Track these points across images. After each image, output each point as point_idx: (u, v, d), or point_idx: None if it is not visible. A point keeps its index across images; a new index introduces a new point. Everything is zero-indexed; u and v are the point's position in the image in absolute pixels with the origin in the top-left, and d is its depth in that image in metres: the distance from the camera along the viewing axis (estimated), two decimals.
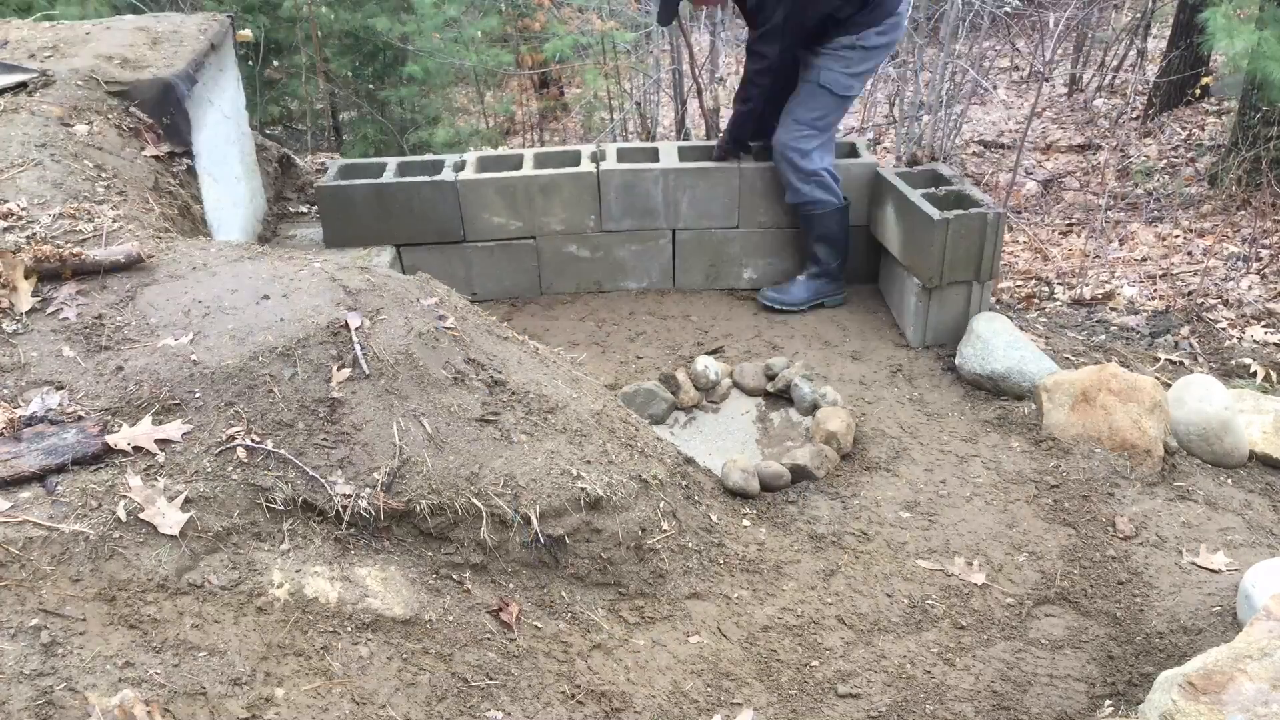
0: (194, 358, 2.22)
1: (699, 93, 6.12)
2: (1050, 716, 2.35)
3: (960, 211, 3.48)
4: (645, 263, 4.28)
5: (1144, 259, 5.41)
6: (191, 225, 3.38)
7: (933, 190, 3.73)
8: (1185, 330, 4.43)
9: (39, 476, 1.94)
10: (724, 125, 4.45)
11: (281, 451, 2.14)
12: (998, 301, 4.79)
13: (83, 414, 2.09)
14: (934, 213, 3.50)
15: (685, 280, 4.31)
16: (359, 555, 2.15)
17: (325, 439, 2.20)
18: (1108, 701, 2.36)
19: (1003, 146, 7.44)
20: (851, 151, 4.27)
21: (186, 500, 1.99)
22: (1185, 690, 1.84)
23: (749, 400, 3.55)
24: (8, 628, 1.69)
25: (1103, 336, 4.38)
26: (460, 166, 4.19)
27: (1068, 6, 7.74)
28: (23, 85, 3.28)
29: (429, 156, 4.48)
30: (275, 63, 6.39)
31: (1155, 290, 4.98)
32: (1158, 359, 4.09)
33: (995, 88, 8.27)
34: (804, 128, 3.85)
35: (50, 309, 2.34)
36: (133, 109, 3.38)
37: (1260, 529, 2.85)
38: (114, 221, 2.71)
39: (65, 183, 2.87)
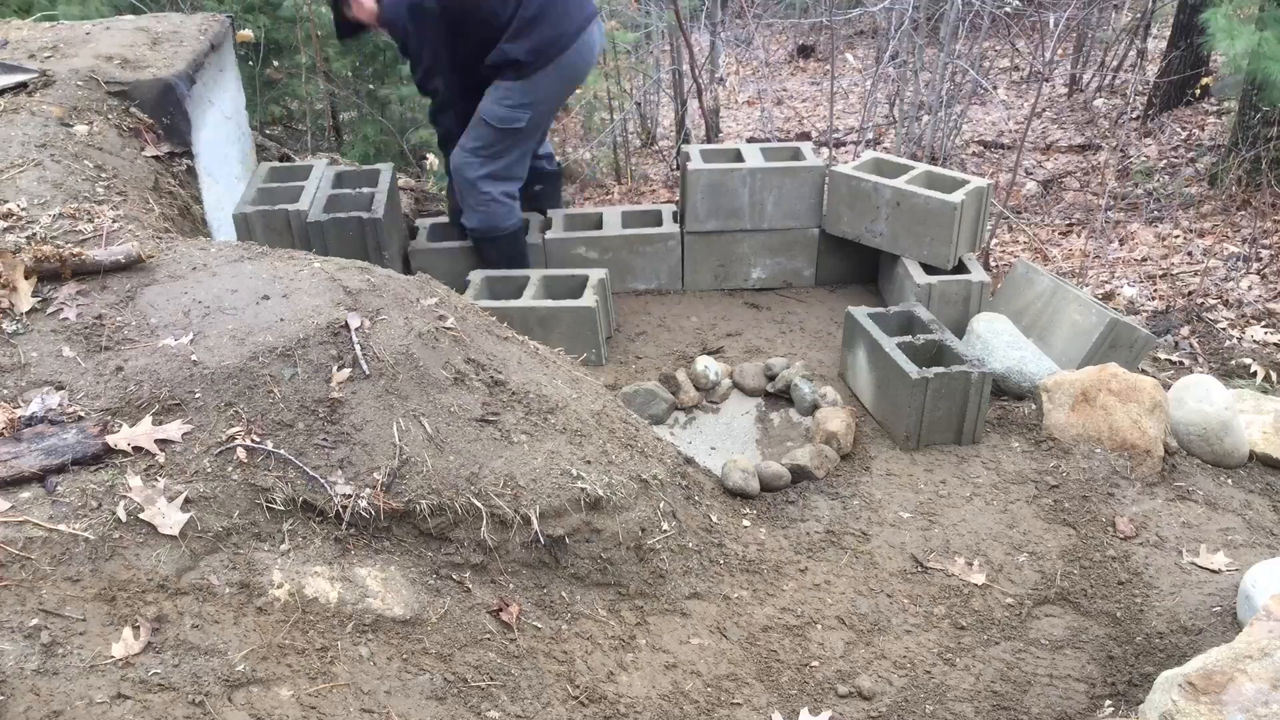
0: (194, 358, 2.22)
1: (699, 93, 6.12)
2: (1050, 716, 2.35)
3: (941, 370, 3.11)
4: (654, 264, 4.27)
5: (1144, 259, 5.41)
6: (191, 225, 3.39)
7: (910, 339, 3.32)
8: (1185, 330, 4.44)
9: (39, 476, 1.94)
10: (722, 126, 4.38)
11: (281, 452, 2.14)
12: None
13: (83, 414, 2.09)
14: (912, 370, 3.11)
15: (693, 281, 4.29)
16: (359, 555, 2.15)
17: (325, 439, 2.20)
18: (1108, 701, 2.37)
19: (1003, 146, 7.45)
20: (795, 155, 4.18)
21: (186, 500, 1.99)
22: (1185, 690, 1.84)
23: (749, 400, 3.55)
24: (8, 628, 1.69)
25: None
26: None
27: (1068, 6, 7.73)
28: (23, 85, 3.28)
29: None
30: (275, 63, 6.38)
31: (1155, 290, 4.99)
32: (1158, 359, 4.09)
33: (995, 88, 8.26)
34: (469, 155, 3.82)
35: (50, 309, 2.34)
36: (133, 109, 3.39)
37: (1260, 529, 2.85)
38: (114, 222, 2.71)
39: (65, 183, 2.87)
